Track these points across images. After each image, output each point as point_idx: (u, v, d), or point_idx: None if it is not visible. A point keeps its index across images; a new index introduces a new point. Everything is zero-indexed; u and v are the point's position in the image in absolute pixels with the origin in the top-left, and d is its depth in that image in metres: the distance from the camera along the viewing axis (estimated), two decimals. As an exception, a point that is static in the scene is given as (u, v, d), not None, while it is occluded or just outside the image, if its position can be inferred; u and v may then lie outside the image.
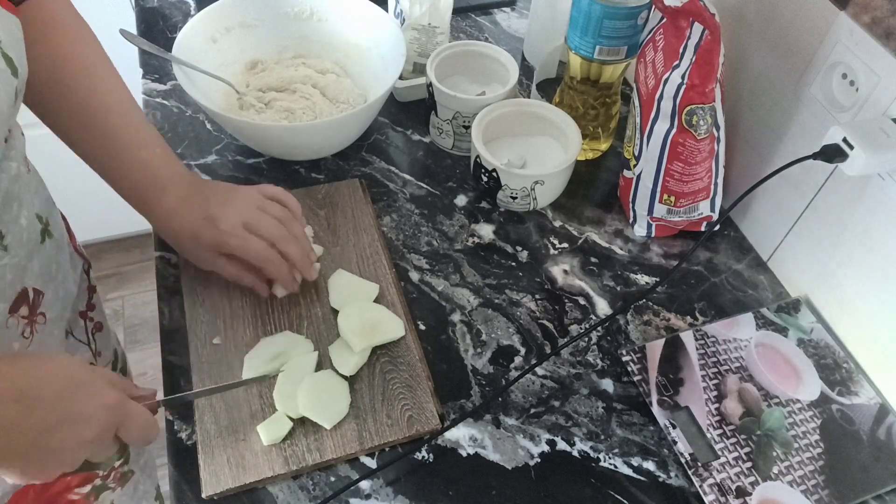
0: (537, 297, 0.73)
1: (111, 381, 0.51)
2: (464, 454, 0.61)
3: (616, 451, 0.62)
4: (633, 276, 0.76)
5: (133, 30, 0.91)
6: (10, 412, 0.44)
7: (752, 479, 0.60)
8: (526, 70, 0.97)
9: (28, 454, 0.46)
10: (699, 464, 0.60)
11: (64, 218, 0.76)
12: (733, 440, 0.62)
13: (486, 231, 0.79)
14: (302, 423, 0.61)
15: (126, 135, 0.64)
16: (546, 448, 0.62)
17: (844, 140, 0.58)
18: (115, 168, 0.64)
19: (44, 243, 0.62)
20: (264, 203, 0.66)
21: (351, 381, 0.64)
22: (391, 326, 0.66)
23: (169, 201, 0.64)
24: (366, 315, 0.67)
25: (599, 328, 0.71)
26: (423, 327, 0.70)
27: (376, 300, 0.69)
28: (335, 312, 0.68)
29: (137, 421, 0.51)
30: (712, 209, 0.76)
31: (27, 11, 0.59)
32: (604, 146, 0.87)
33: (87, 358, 0.75)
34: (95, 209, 1.50)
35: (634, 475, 0.61)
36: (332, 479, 0.59)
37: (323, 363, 0.65)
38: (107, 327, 0.82)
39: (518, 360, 0.68)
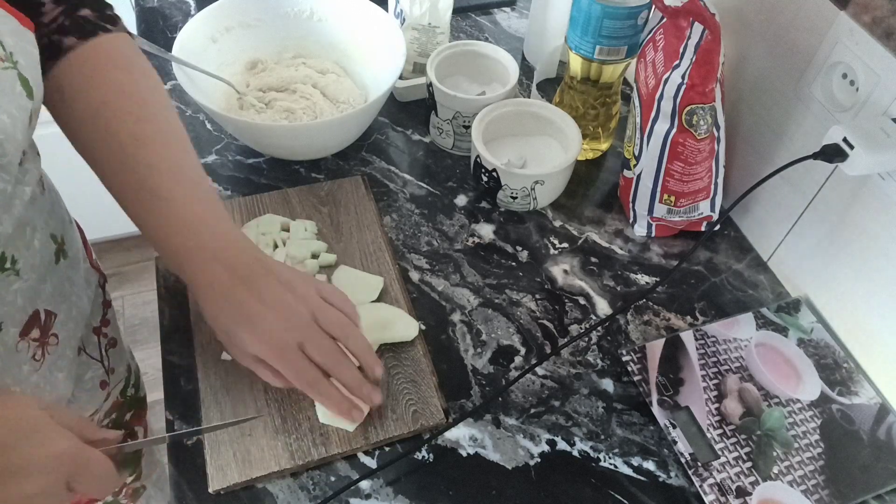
0: (537, 296, 0.73)
1: (67, 426, 0.47)
2: (464, 454, 0.61)
3: (616, 450, 0.62)
4: (633, 275, 0.76)
5: (133, 30, 0.91)
6: None
7: (752, 478, 0.60)
8: (526, 70, 0.97)
9: None
10: (699, 464, 0.60)
11: (81, 231, 0.75)
12: (733, 440, 0.62)
13: (486, 231, 0.79)
14: (307, 418, 0.61)
15: (168, 191, 0.56)
16: (546, 448, 0.62)
17: (844, 140, 0.58)
18: (154, 226, 0.56)
19: (58, 264, 0.60)
20: (323, 311, 0.56)
21: None
22: (404, 325, 0.67)
23: (212, 281, 0.54)
24: (379, 312, 0.67)
25: (599, 328, 0.71)
26: (423, 327, 0.70)
27: (380, 295, 0.69)
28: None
29: (93, 471, 0.47)
30: (712, 209, 0.76)
31: (89, 50, 0.57)
32: (604, 146, 0.87)
33: (99, 375, 0.74)
34: (96, 209, 1.50)
35: (634, 475, 0.61)
36: (332, 478, 0.59)
37: None
38: (121, 343, 0.80)
39: (518, 359, 0.68)
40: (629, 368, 0.67)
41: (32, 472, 0.44)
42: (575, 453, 0.62)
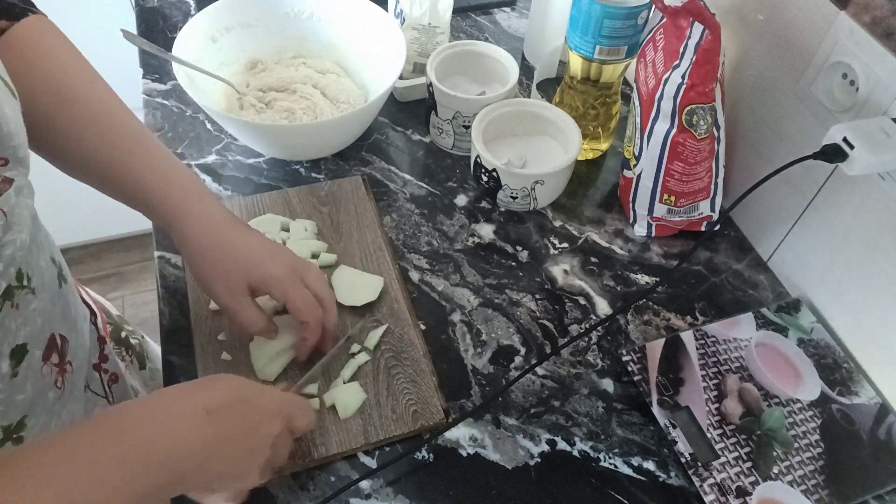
0: (537, 296, 0.73)
1: None
2: (464, 454, 0.61)
3: (616, 450, 0.62)
4: (633, 275, 0.76)
5: (133, 30, 0.91)
6: (225, 417, 0.47)
7: (752, 478, 0.60)
8: (526, 70, 0.97)
9: (238, 458, 0.49)
10: (699, 464, 0.60)
11: None
12: (733, 440, 0.62)
13: (486, 231, 0.79)
14: None
15: (147, 142, 0.61)
16: (546, 448, 0.62)
17: (844, 140, 0.58)
18: (138, 171, 0.59)
19: (61, 288, 0.59)
20: (310, 265, 0.63)
21: (355, 376, 0.64)
22: (367, 285, 0.69)
23: (212, 212, 0.60)
24: (343, 275, 0.70)
25: (599, 328, 0.71)
26: (423, 327, 0.70)
27: (380, 295, 0.70)
28: (340, 308, 0.68)
29: (304, 407, 0.55)
30: (712, 209, 0.76)
31: (25, 29, 0.58)
32: (604, 146, 0.87)
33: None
34: (95, 209, 1.50)
35: (634, 475, 0.61)
36: (332, 479, 0.59)
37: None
38: (123, 379, 0.77)
39: (518, 359, 0.68)
40: (629, 368, 0.67)
41: (279, 409, 0.52)
42: (575, 453, 0.62)
